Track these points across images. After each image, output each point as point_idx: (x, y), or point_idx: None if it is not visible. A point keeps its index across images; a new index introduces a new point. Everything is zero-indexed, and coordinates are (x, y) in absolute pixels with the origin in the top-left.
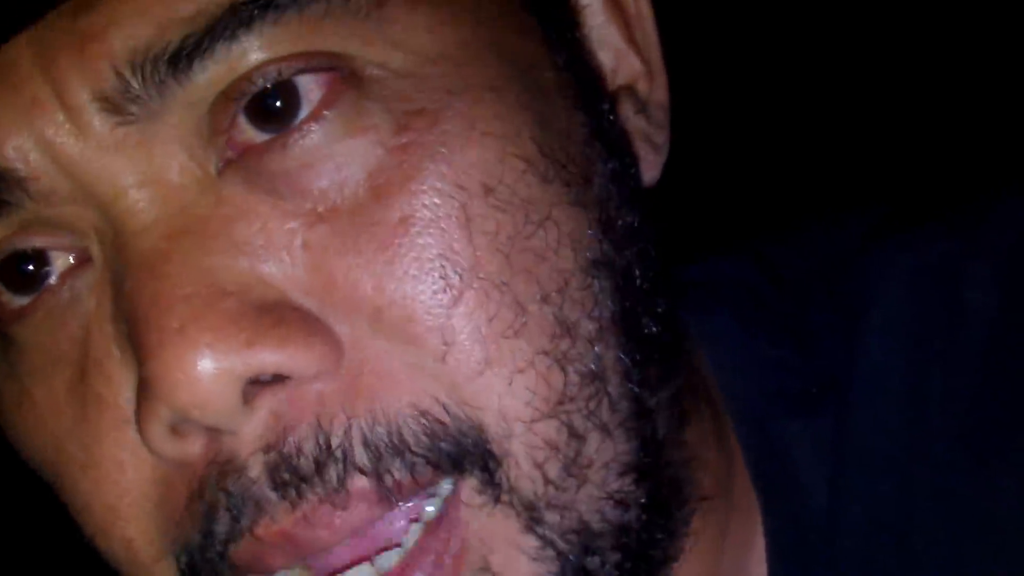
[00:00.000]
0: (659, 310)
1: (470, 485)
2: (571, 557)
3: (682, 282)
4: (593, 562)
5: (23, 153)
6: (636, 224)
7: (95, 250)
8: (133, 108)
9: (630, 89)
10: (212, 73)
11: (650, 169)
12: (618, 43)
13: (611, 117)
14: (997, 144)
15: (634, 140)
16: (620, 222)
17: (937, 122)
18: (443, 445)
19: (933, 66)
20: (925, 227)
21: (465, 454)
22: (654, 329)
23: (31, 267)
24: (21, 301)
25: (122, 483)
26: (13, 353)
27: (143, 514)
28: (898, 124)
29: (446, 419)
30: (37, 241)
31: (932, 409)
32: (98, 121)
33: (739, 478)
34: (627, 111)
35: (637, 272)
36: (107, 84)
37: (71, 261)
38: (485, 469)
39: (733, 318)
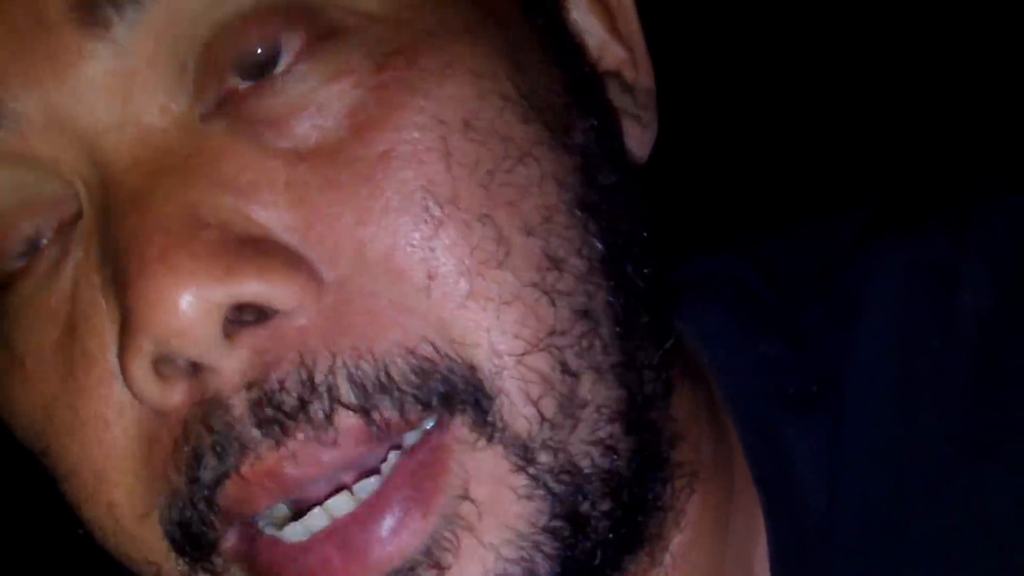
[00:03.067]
0: (645, 269)
1: (461, 421)
2: (563, 498)
3: (678, 280)
4: (585, 506)
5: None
6: (620, 183)
7: (83, 196)
8: (109, 12)
9: (616, 75)
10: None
11: (639, 146)
12: (600, 33)
13: (592, 80)
14: (990, 143)
15: (620, 115)
16: (605, 175)
17: (931, 120)
18: (433, 383)
19: (930, 64)
20: (919, 225)
21: (456, 392)
22: (641, 284)
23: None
24: (16, 264)
25: (107, 441)
26: (6, 323)
27: (128, 474)
28: (894, 121)
29: (436, 357)
30: (26, 228)
31: (926, 407)
32: (75, 39)
33: (739, 475)
34: (614, 92)
35: (626, 224)
36: None
37: (64, 219)
38: (478, 406)
39: (730, 316)
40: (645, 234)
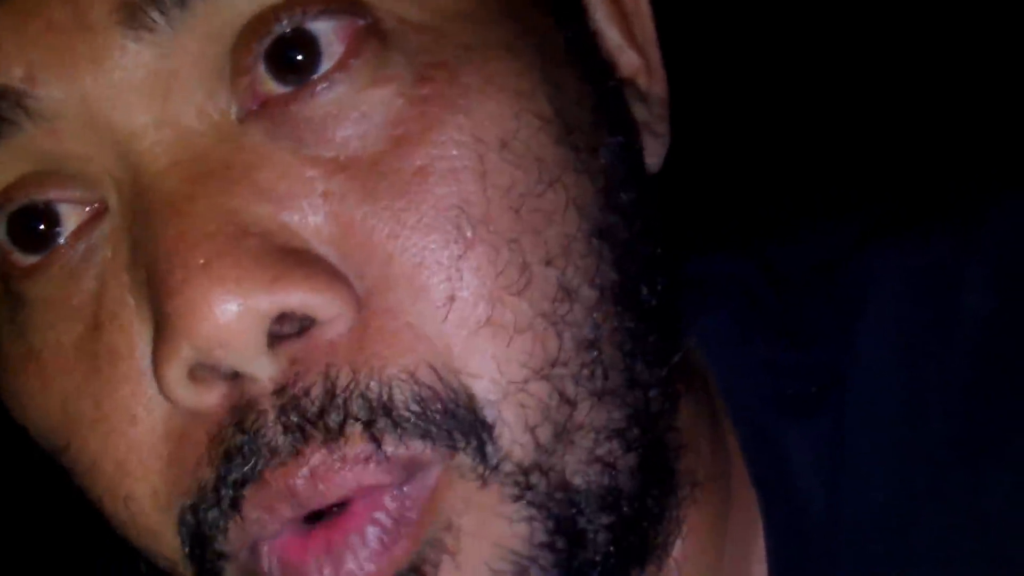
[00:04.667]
0: (658, 287)
1: (461, 457)
2: (557, 516)
3: (681, 280)
4: (582, 521)
5: (31, 73)
6: (638, 200)
7: (112, 198)
8: (154, 16)
9: (631, 82)
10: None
11: (652, 156)
12: (616, 39)
13: (617, 95)
14: (995, 145)
15: (637, 126)
16: (623, 195)
17: (934, 122)
18: (432, 413)
19: (934, 66)
20: (922, 227)
21: (456, 423)
22: (653, 303)
23: (42, 226)
24: (32, 259)
25: (133, 437)
26: (22, 314)
27: (151, 471)
28: (897, 124)
29: (438, 386)
30: (50, 193)
31: (928, 409)
32: (117, 40)
33: (737, 478)
34: (630, 101)
35: (639, 247)
36: None
37: (85, 214)
38: (477, 439)
39: (732, 318)
40: (659, 250)
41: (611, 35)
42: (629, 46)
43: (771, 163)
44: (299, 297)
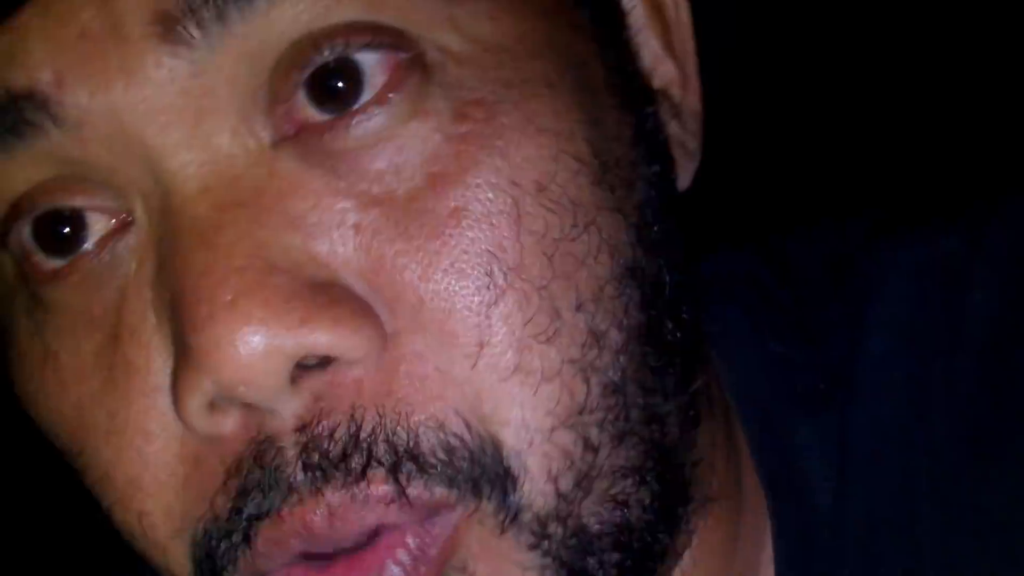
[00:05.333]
0: (684, 316)
1: (481, 509)
2: (569, 562)
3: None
4: (592, 562)
5: (60, 78)
6: (670, 230)
7: (139, 212)
8: (192, 30)
9: (665, 95)
10: (275, 19)
11: (682, 174)
12: (656, 48)
13: (654, 120)
14: (1003, 147)
15: (670, 145)
16: (655, 228)
17: (943, 123)
18: (459, 462)
19: (942, 67)
20: (930, 226)
21: (482, 472)
22: (678, 335)
23: (67, 229)
24: (55, 263)
25: (147, 453)
26: (40, 313)
27: (166, 489)
28: (905, 124)
29: (466, 435)
30: (77, 200)
31: (935, 407)
32: (152, 53)
33: (748, 478)
34: (664, 116)
35: (666, 279)
36: (169, 2)
37: (112, 224)
38: (501, 489)
39: (742, 314)
40: (686, 273)
41: (651, 44)
42: (667, 55)
43: (782, 162)
44: (326, 339)
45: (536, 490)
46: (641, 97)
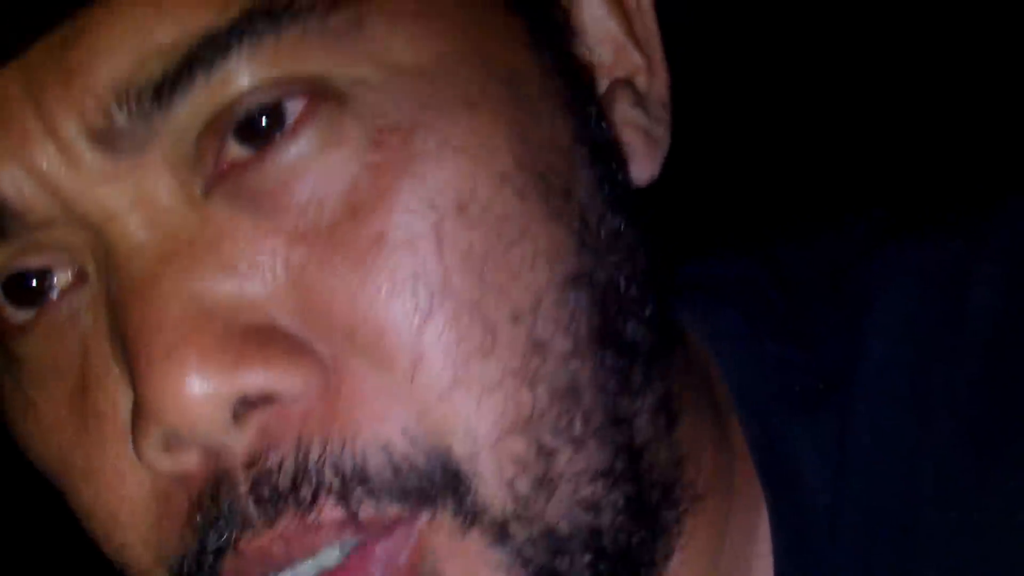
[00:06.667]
0: (646, 313)
1: (442, 516)
2: (538, 562)
3: (687, 281)
4: (563, 563)
5: (18, 185)
6: (622, 228)
7: (90, 269)
8: (121, 142)
9: (629, 83)
10: (196, 102)
11: (648, 163)
12: (617, 36)
13: (599, 119)
14: (1005, 148)
15: (628, 135)
16: (603, 229)
17: (943, 123)
18: (407, 480)
19: (941, 65)
20: (931, 227)
21: (433, 485)
22: (639, 335)
23: (34, 282)
24: (25, 315)
25: (122, 493)
26: (16, 365)
27: (142, 524)
28: (904, 122)
29: (412, 452)
30: (38, 260)
31: (935, 407)
32: (89, 153)
33: (742, 475)
34: (624, 105)
35: (621, 279)
36: (94, 119)
37: (70, 278)
38: (456, 494)
39: (740, 317)
40: (647, 269)
41: (612, 32)
42: (630, 43)
43: (779, 164)
44: (259, 381)
45: (491, 493)
46: (583, 98)
